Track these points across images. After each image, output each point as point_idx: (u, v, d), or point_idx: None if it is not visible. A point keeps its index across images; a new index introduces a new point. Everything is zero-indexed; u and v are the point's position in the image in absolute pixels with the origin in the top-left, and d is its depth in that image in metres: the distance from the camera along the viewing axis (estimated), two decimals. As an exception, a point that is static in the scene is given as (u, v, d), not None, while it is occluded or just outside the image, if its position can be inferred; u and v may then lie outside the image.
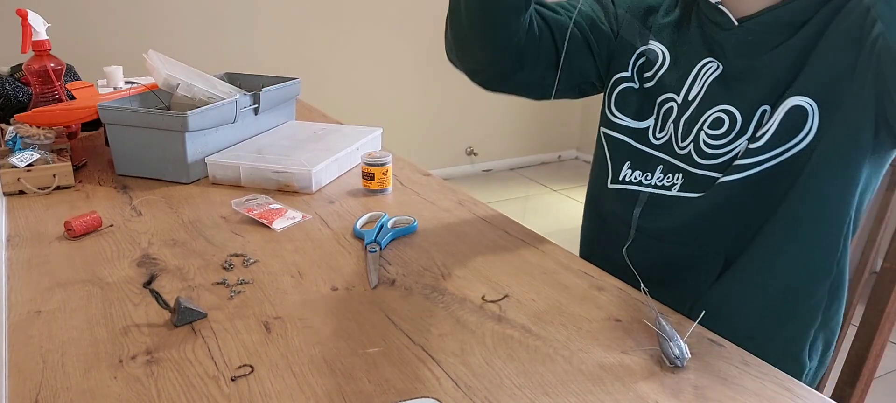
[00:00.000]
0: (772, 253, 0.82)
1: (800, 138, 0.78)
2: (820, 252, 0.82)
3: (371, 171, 1.13)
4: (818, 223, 0.80)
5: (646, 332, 0.72)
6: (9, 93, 1.43)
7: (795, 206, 0.79)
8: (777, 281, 0.83)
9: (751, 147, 0.81)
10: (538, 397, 0.61)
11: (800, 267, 0.82)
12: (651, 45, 0.92)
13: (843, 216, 0.80)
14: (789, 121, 0.78)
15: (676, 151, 0.88)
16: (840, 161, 0.77)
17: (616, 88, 0.95)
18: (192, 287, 0.82)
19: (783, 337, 0.85)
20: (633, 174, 0.92)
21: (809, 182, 0.78)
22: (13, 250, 0.92)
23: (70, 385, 0.63)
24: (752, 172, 0.81)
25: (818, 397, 0.62)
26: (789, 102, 0.78)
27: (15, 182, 1.12)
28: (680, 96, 0.88)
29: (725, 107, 0.83)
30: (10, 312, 0.76)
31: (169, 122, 1.14)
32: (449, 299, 0.79)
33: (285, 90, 1.42)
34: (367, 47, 3.19)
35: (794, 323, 0.85)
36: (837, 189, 0.78)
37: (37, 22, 1.30)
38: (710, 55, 0.86)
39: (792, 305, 0.84)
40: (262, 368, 0.65)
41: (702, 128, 0.85)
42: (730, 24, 0.83)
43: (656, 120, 0.91)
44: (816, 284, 0.83)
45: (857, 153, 0.76)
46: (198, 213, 1.05)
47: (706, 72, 0.86)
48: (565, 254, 0.91)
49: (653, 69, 0.91)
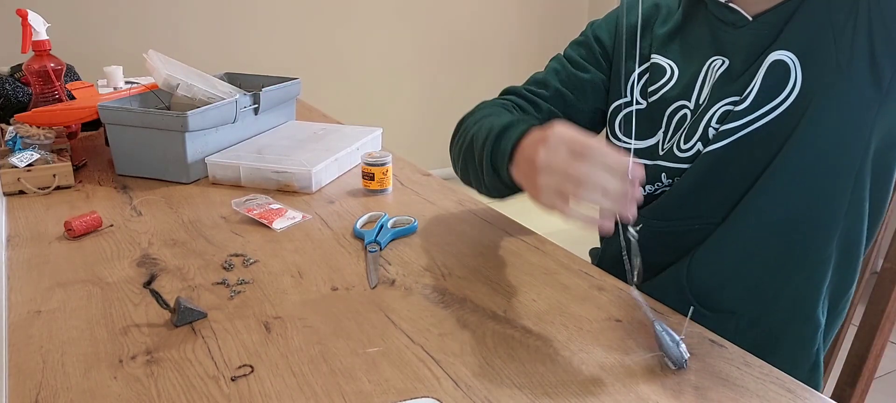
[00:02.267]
0: (769, 209, 0.80)
1: (784, 95, 0.77)
2: (822, 204, 0.79)
3: (371, 171, 1.13)
4: (817, 175, 0.78)
5: (646, 333, 0.72)
6: (9, 93, 1.43)
7: (792, 159, 0.78)
8: (777, 235, 0.81)
9: (736, 109, 0.79)
10: (538, 397, 0.61)
11: (800, 220, 0.80)
12: (655, 60, 0.90)
13: (847, 168, 0.78)
14: (772, 77, 0.77)
15: (679, 156, 0.86)
16: (836, 111, 0.75)
17: (617, 116, 0.94)
18: (192, 287, 0.82)
19: (792, 291, 0.83)
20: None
21: (805, 134, 0.76)
22: (13, 250, 0.92)
23: (70, 385, 0.63)
24: (741, 135, 0.79)
25: (819, 397, 0.62)
26: (770, 58, 0.77)
27: (15, 182, 1.12)
28: (692, 101, 0.86)
29: (732, 99, 0.82)
30: (10, 312, 0.76)
31: (169, 122, 1.14)
32: (449, 299, 0.79)
33: (285, 90, 1.42)
34: (367, 47, 3.19)
35: (802, 276, 0.83)
36: (836, 140, 0.76)
37: (37, 22, 1.30)
38: (717, 54, 0.84)
39: (798, 258, 0.82)
40: (262, 368, 0.65)
41: (709, 125, 0.83)
42: (744, 21, 0.81)
43: (665, 131, 0.89)
44: (822, 238, 0.81)
45: (855, 101, 0.75)
46: (198, 213, 1.05)
47: (713, 71, 0.84)
48: (565, 254, 0.91)
49: (659, 83, 0.90)
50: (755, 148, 0.79)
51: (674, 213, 0.87)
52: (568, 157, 0.64)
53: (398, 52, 3.28)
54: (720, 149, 0.81)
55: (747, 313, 0.85)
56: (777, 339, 0.85)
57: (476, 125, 0.91)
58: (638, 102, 0.92)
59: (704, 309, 0.86)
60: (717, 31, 0.85)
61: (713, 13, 0.85)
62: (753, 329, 0.85)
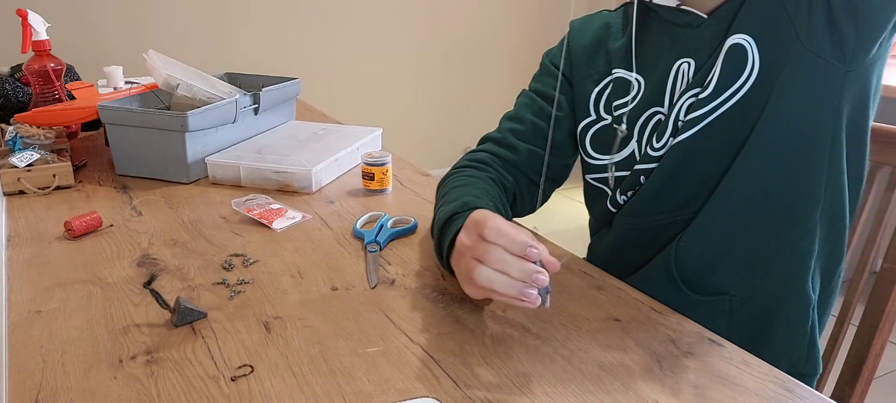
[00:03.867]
0: (748, 186, 0.82)
1: (744, 77, 0.79)
2: (800, 177, 0.81)
3: (371, 171, 1.13)
4: (792, 148, 0.80)
5: (646, 332, 0.72)
6: (9, 93, 1.43)
7: (766, 136, 0.79)
8: (759, 212, 0.83)
9: (700, 97, 0.81)
10: (538, 397, 0.61)
11: (780, 194, 0.82)
12: (617, 74, 0.92)
13: (821, 138, 0.79)
14: (731, 61, 0.79)
15: (654, 155, 0.87)
16: (803, 84, 0.77)
17: (586, 134, 0.95)
18: (192, 287, 0.82)
19: (780, 265, 0.85)
20: (620, 197, 0.93)
21: (776, 109, 0.78)
22: (13, 250, 0.92)
23: (70, 385, 0.63)
24: (708, 121, 0.81)
25: (818, 397, 0.62)
26: (728, 43, 0.79)
27: (15, 182, 1.12)
28: (665, 106, 0.87)
29: (695, 90, 0.83)
30: (10, 312, 0.76)
31: (169, 122, 1.14)
32: (448, 299, 0.79)
33: (285, 90, 1.42)
34: (367, 47, 3.19)
35: (788, 249, 0.84)
36: (806, 112, 0.78)
37: (37, 22, 1.30)
38: (682, 57, 0.85)
39: (783, 232, 0.83)
40: (262, 368, 0.65)
41: (678, 119, 0.85)
42: (699, 20, 0.83)
43: (639, 140, 0.90)
44: (804, 209, 0.82)
45: (821, 72, 0.76)
46: (198, 213, 1.05)
47: (683, 74, 0.86)
48: (564, 254, 0.91)
49: (627, 97, 0.91)
50: (725, 131, 0.81)
51: (650, 208, 0.89)
52: (477, 240, 0.66)
53: (398, 52, 3.28)
54: (689, 138, 0.83)
55: (738, 292, 0.86)
56: (771, 316, 0.87)
57: (438, 205, 0.90)
58: (602, 118, 0.93)
59: (696, 294, 0.87)
60: (676, 35, 0.86)
61: (667, 19, 0.87)
62: (746, 307, 0.87)
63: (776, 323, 0.87)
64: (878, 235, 0.99)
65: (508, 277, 0.63)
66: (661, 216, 0.88)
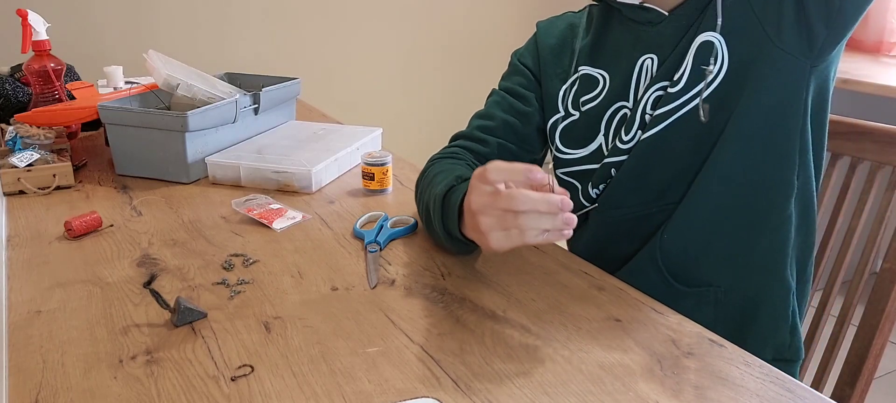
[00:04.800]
0: (727, 178, 0.84)
1: (714, 73, 0.81)
2: (776, 167, 0.84)
3: (371, 171, 1.13)
4: (766, 140, 0.82)
5: (646, 332, 0.72)
6: (9, 93, 1.43)
7: (741, 128, 0.82)
8: (739, 203, 0.85)
9: (671, 92, 0.83)
10: (538, 397, 0.61)
11: (758, 184, 0.84)
12: (584, 71, 0.94)
13: (792, 129, 0.82)
14: (701, 57, 0.82)
15: (622, 148, 0.89)
16: (773, 77, 0.80)
17: (555, 131, 0.97)
18: (192, 287, 0.82)
19: (761, 254, 0.88)
20: (592, 190, 0.94)
21: (749, 103, 0.81)
22: (13, 250, 0.92)
23: (70, 385, 0.63)
24: (678, 116, 0.83)
25: (818, 397, 0.62)
26: (698, 39, 0.82)
27: (15, 182, 1.12)
28: (630, 100, 0.90)
29: (663, 84, 0.85)
30: (10, 312, 0.76)
31: (169, 122, 1.14)
32: (448, 299, 0.79)
33: (285, 90, 1.42)
34: (368, 47, 3.19)
35: (768, 239, 0.87)
36: (778, 104, 0.81)
37: (37, 22, 1.30)
38: (645, 53, 0.88)
39: (762, 221, 0.86)
40: (262, 368, 0.65)
41: (645, 112, 0.87)
42: (661, 18, 0.85)
43: (606, 134, 0.92)
44: (781, 198, 0.85)
45: (790, 65, 0.79)
46: (198, 213, 1.05)
47: (646, 69, 0.88)
48: (565, 254, 0.91)
49: (594, 92, 0.93)
50: (697, 124, 0.83)
51: (627, 200, 0.91)
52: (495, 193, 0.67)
53: (398, 52, 3.28)
54: (659, 131, 0.85)
55: (723, 282, 0.89)
56: (756, 304, 0.89)
57: (427, 192, 0.91)
58: (570, 113, 0.96)
59: (683, 286, 0.90)
60: (638, 32, 0.89)
61: (629, 17, 0.89)
62: (731, 296, 0.89)
63: (759, 312, 0.89)
64: (878, 235, 0.99)
65: (539, 213, 0.65)
66: (639, 207, 0.90)
